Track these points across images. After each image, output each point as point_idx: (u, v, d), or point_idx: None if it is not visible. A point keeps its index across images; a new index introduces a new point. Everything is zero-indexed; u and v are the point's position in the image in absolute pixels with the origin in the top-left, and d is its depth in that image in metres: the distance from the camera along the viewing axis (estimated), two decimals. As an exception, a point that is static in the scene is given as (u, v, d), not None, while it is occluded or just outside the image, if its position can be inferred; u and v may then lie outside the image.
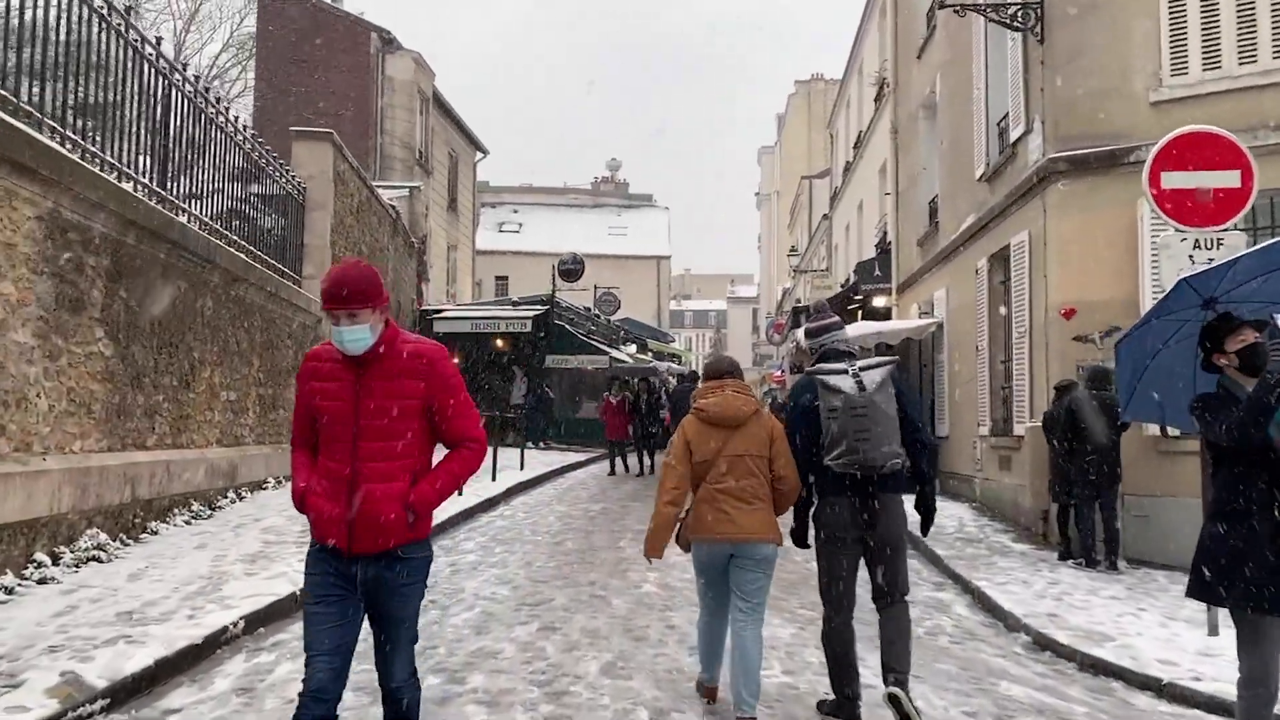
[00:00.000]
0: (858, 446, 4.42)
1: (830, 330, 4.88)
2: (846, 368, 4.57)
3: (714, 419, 4.65)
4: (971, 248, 13.37)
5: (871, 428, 4.42)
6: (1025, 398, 10.98)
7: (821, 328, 4.91)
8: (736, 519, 4.50)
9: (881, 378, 4.53)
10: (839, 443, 4.45)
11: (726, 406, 4.66)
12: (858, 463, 4.43)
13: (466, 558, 8.90)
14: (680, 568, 8.46)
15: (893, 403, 4.53)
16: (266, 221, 13.75)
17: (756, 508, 4.54)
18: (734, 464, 4.57)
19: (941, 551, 9.67)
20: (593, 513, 12.24)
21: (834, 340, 4.83)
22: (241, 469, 11.36)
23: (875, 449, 4.41)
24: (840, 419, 4.45)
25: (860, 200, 24.54)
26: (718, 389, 4.76)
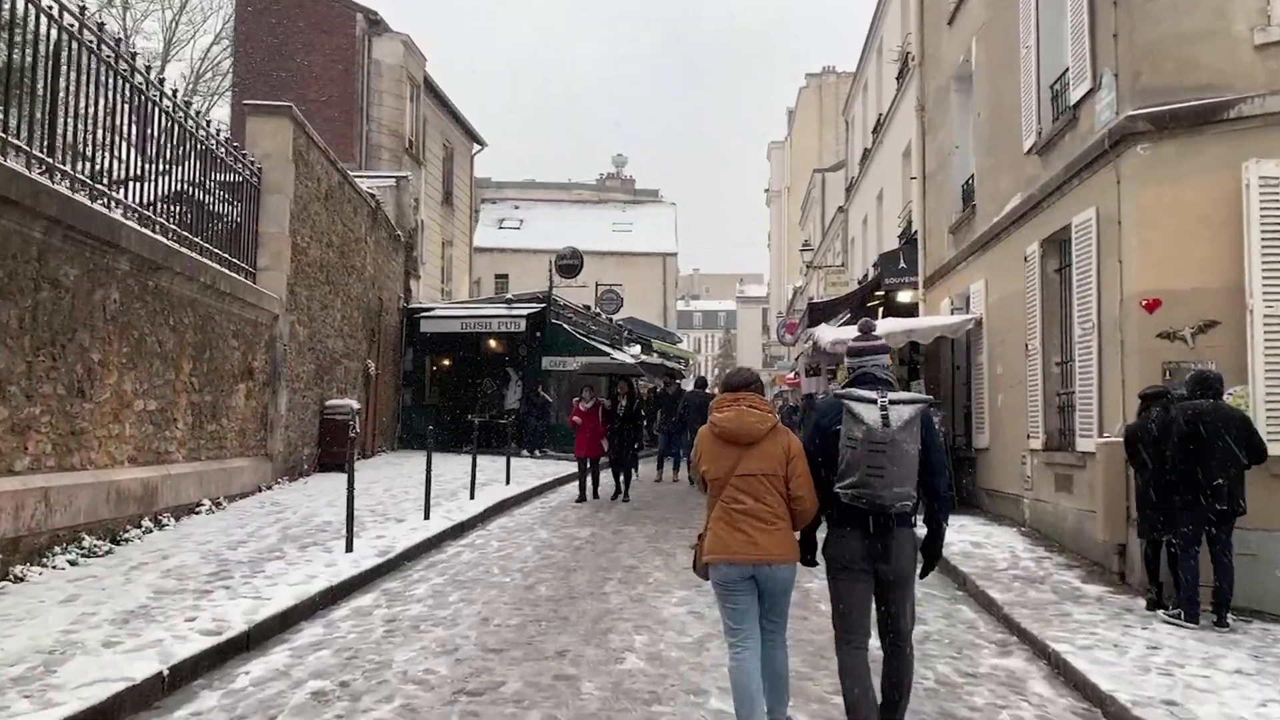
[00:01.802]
0: (870, 482, 4.30)
1: (872, 353, 4.71)
2: (876, 398, 4.39)
3: (728, 435, 4.55)
4: (1018, 232, 11.57)
5: (887, 466, 4.28)
6: (1092, 407, 9.18)
7: (862, 348, 4.72)
8: (757, 540, 4.42)
9: (910, 415, 4.35)
10: (851, 474, 4.34)
11: (741, 423, 4.53)
12: (865, 498, 4.32)
13: (410, 610, 7.15)
14: (675, 628, 6.69)
15: (916, 443, 4.36)
16: (212, 205, 12.05)
17: (777, 528, 4.46)
18: (748, 483, 4.48)
19: (998, 596, 7.88)
20: (578, 541, 10.48)
21: (873, 364, 4.66)
22: (163, 492, 9.64)
23: (887, 488, 4.29)
24: (857, 450, 4.32)
25: (880, 189, 22.75)
26: (733, 403, 4.62)
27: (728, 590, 4.49)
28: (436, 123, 31.00)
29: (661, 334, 37.30)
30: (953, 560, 9.42)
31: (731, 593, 4.48)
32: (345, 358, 17.36)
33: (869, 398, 4.41)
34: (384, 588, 7.99)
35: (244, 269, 12.75)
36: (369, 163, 25.50)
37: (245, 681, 5.40)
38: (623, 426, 14.77)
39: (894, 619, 4.53)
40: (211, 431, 11.21)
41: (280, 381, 13.59)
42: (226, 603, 6.63)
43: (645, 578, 8.42)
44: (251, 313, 12.46)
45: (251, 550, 8.58)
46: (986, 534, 10.88)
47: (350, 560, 8.39)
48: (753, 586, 4.46)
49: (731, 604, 4.49)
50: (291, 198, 13.84)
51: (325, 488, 13.69)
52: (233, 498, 11.61)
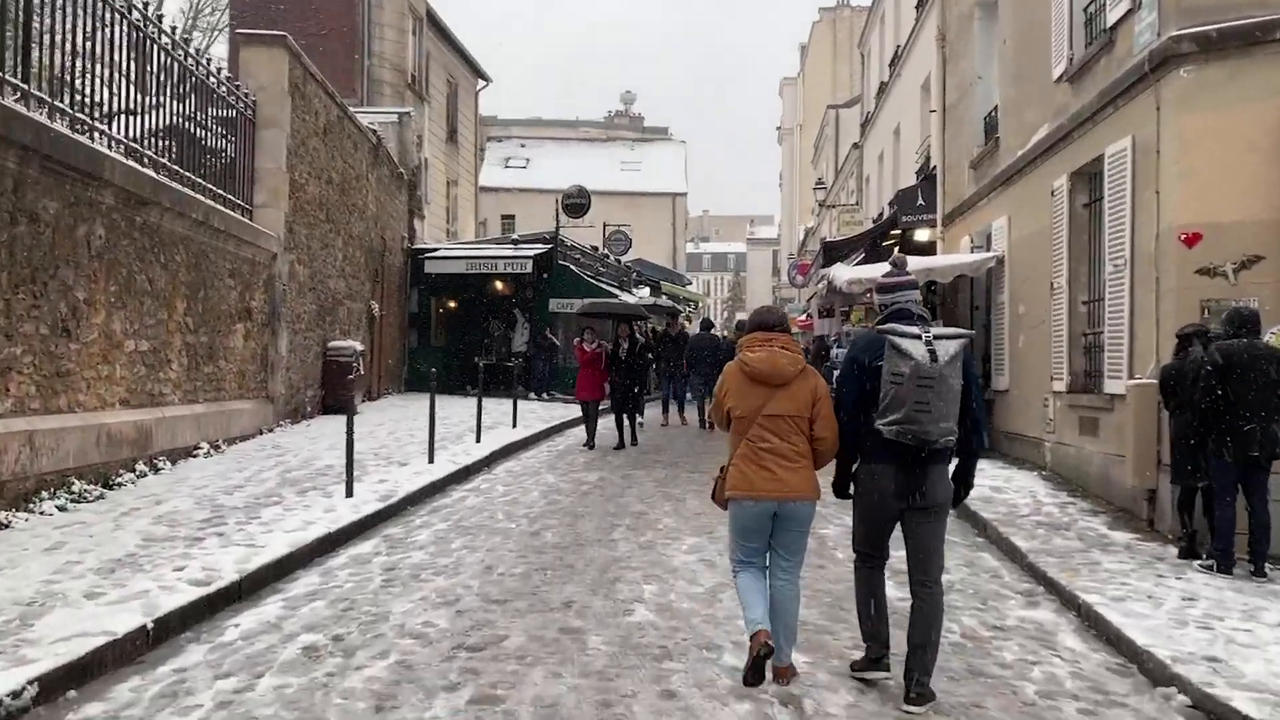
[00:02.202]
0: (917, 418, 4.23)
1: (905, 289, 4.62)
2: (920, 333, 4.31)
3: (759, 375, 4.57)
4: (1045, 165, 11.05)
5: (934, 401, 4.22)
6: (1122, 347, 8.77)
7: (896, 284, 4.66)
8: (782, 477, 4.48)
9: (955, 350, 4.30)
10: (896, 409, 4.26)
11: (774, 364, 4.57)
12: (912, 433, 4.26)
13: (411, 557, 6.87)
14: (686, 576, 6.40)
15: (959, 378, 4.31)
16: (207, 141, 11.59)
17: (801, 465, 4.53)
18: (775, 423, 4.53)
19: (1022, 543, 7.57)
20: (586, 485, 10.19)
21: (907, 300, 4.57)
22: (159, 435, 9.35)
23: (934, 423, 4.24)
24: (904, 386, 4.24)
25: (897, 124, 22.06)
26: (766, 343, 4.64)
27: (745, 526, 4.59)
28: (440, 57, 30.21)
29: (670, 276, 36.80)
30: (973, 506, 9.09)
31: (748, 530, 4.59)
32: (348, 298, 16.99)
33: (913, 333, 4.33)
34: (385, 534, 7.72)
35: (240, 206, 12.33)
36: (370, 98, 24.83)
37: (234, 634, 5.13)
38: (624, 371, 13.84)
39: (924, 561, 4.52)
40: (208, 373, 10.89)
41: (280, 322, 13.24)
42: (218, 551, 6.35)
43: (655, 524, 8.14)
44: (248, 251, 12.07)
45: (248, 495, 8.31)
46: (1006, 478, 10.56)
47: (350, 505, 8.11)
48: (769, 524, 4.56)
49: (744, 539, 4.62)
50: (288, 132, 13.36)
51: (328, 430, 13.41)
52: (232, 440, 11.34)
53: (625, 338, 13.89)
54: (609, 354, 13.73)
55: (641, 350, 14.46)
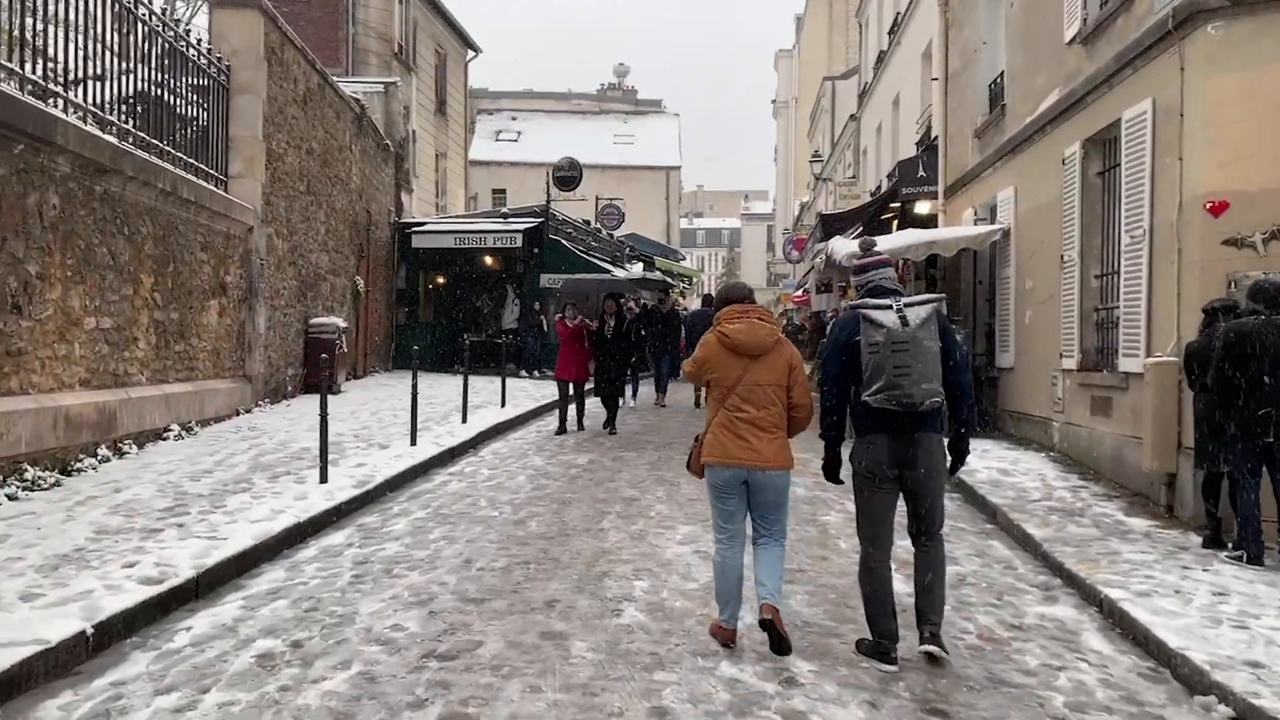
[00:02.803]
0: (898, 382, 4.37)
1: (879, 268, 4.78)
2: (891, 303, 4.50)
3: (738, 346, 4.68)
4: (1055, 132, 10.55)
5: (912, 364, 4.36)
6: (1139, 324, 8.32)
7: (870, 263, 4.83)
8: (756, 447, 4.60)
9: (926, 314, 4.45)
10: (878, 377, 4.41)
11: (753, 335, 4.69)
12: (895, 398, 4.38)
13: (385, 550, 6.42)
14: (680, 570, 5.96)
15: (936, 340, 4.45)
16: (178, 108, 11.03)
17: (775, 436, 4.64)
18: (753, 392, 4.64)
19: (1035, 531, 7.15)
20: (575, 469, 9.74)
21: (880, 278, 4.73)
22: (123, 417, 8.87)
23: (915, 385, 4.35)
24: (880, 353, 4.40)
25: (897, 93, 21.50)
26: (744, 315, 4.75)
27: (722, 492, 4.72)
28: (428, 27, 29.49)
29: (665, 251, 36.19)
30: (980, 490, 8.69)
31: (725, 495, 4.72)
32: (331, 274, 16.46)
33: (884, 304, 4.52)
34: (359, 523, 7.27)
35: (214, 177, 11.79)
36: (356, 68, 24.19)
37: (184, 640, 4.68)
38: (611, 350, 12.83)
39: (925, 519, 4.64)
40: (179, 352, 10.39)
41: (258, 298, 12.73)
42: (176, 544, 5.89)
43: (646, 511, 7.69)
44: (222, 224, 11.54)
45: (216, 481, 7.84)
46: (1013, 460, 10.14)
47: (324, 492, 7.66)
48: (745, 491, 4.67)
49: (723, 505, 4.74)
50: (264, 99, 12.78)
51: (308, 411, 12.91)
52: (206, 422, 10.87)
53: (611, 314, 12.90)
54: (593, 331, 12.75)
55: (630, 327, 13.49)
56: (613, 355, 12.80)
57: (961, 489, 9.03)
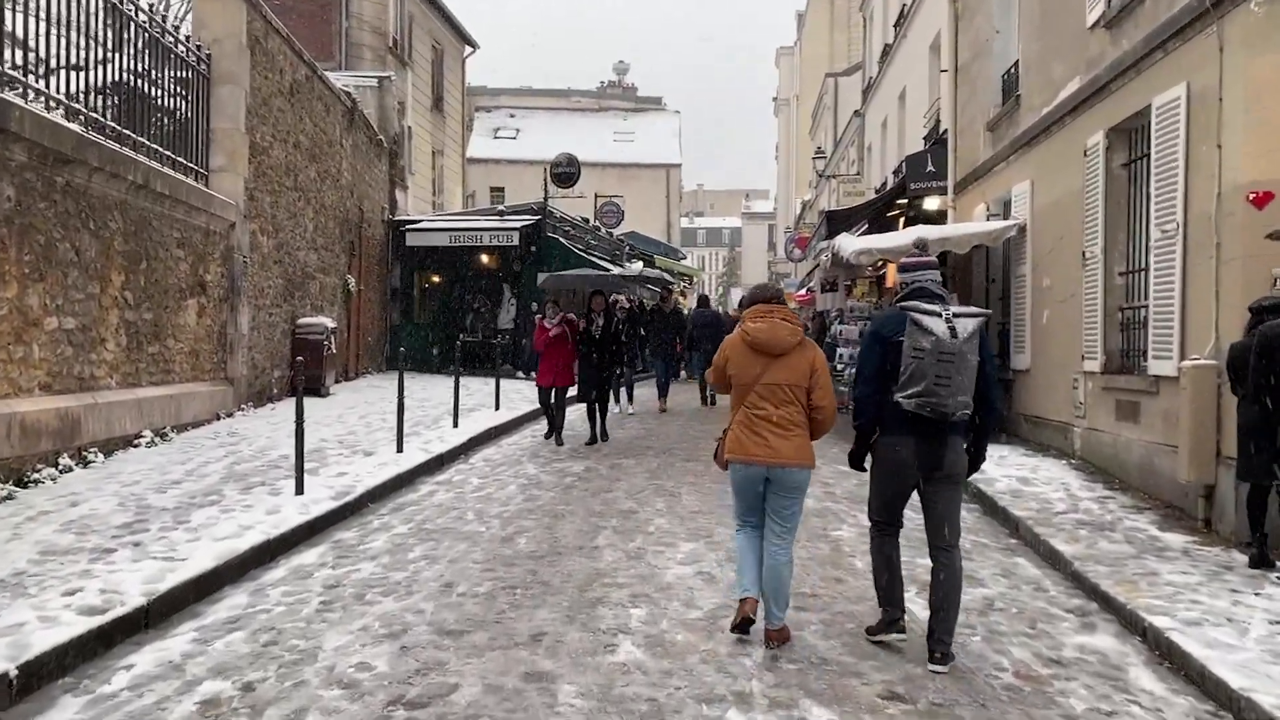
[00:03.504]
0: (937, 391, 4.40)
1: (926, 268, 4.75)
2: (940, 311, 4.50)
3: (760, 345, 4.72)
4: (1076, 122, 10.02)
5: (954, 375, 4.41)
6: (1172, 324, 7.78)
7: (918, 263, 4.79)
8: (775, 445, 4.66)
9: (974, 328, 4.51)
10: (916, 383, 4.43)
11: (774, 334, 4.73)
12: (931, 405, 4.42)
13: (359, 571, 5.89)
14: (681, 596, 5.43)
15: (976, 354, 4.50)
16: (157, 98, 10.51)
17: (794, 434, 4.68)
18: (772, 391, 4.70)
19: (1064, 548, 6.61)
20: (570, 477, 9.21)
21: (928, 279, 4.70)
22: (89, 423, 8.34)
23: (952, 396, 4.42)
24: (925, 360, 4.41)
25: (903, 87, 20.95)
26: (767, 314, 4.80)
27: (741, 487, 4.79)
28: (424, 21, 28.97)
29: (665, 249, 35.68)
30: (1000, 501, 8.16)
31: (744, 490, 4.79)
32: (320, 272, 15.94)
33: (934, 310, 4.49)
34: (336, 539, 6.75)
35: (193, 170, 11.27)
36: (349, 62, 23.67)
37: (123, 681, 4.16)
38: (599, 352, 11.48)
39: (942, 528, 4.65)
40: (154, 354, 9.87)
41: (240, 297, 12.21)
42: (127, 567, 5.36)
43: (645, 525, 7.16)
44: (201, 219, 11.01)
45: (183, 493, 7.31)
46: (1032, 467, 9.61)
47: (299, 505, 7.13)
48: (761, 488, 4.73)
49: (742, 500, 4.82)
50: (247, 90, 12.26)
51: (293, 415, 12.41)
52: (184, 427, 10.34)
53: (599, 312, 11.61)
54: (582, 331, 11.44)
55: (622, 327, 12.22)
56: (599, 358, 11.47)
57: (981, 500, 8.51)
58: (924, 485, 4.64)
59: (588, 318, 11.62)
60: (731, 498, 4.94)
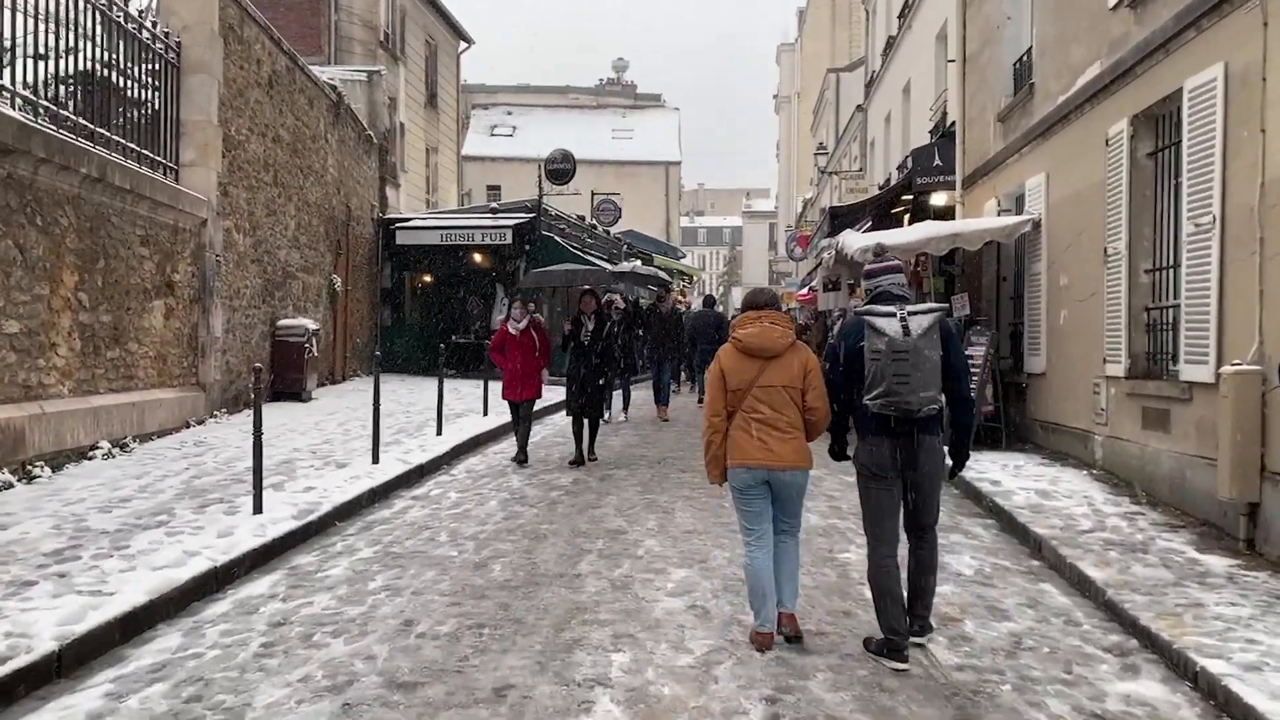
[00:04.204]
0: (896, 389, 4.49)
1: (888, 273, 4.86)
2: (895, 311, 4.59)
3: (751, 349, 4.79)
4: (1096, 109, 9.40)
5: (911, 372, 4.48)
6: (1208, 325, 7.16)
7: (881, 268, 4.90)
8: (773, 447, 4.70)
9: (929, 324, 4.55)
10: (878, 384, 4.53)
11: (764, 338, 4.79)
12: (894, 404, 4.51)
13: (311, 604, 5.27)
14: (671, 636, 4.80)
15: (937, 349, 4.56)
16: (130, 90, 9.92)
17: (791, 436, 4.75)
18: (768, 394, 4.75)
19: (1095, 573, 5.99)
20: (556, 491, 8.59)
21: (889, 283, 4.82)
22: (34, 435, 7.73)
23: (913, 393, 4.49)
24: (881, 361, 4.51)
25: (907, 80, 20.33)
26: (756, 320, 4.86)
27: (744, 493, 4.79)
28: (418, 16, 28.36)
29: (664, 248, 35.06)
30: (1020, 517, 7.54)
31: (747, 496, 4.79)
32: (303, 271, 15.33)
33: (888, 311, 4.60)
34: (293, 564, 6.13)
35: (161, 164, 10.67)
36: (339, 57, 23.09)
37: (11, 751, 3.54)
38: (589, 360, 10.13)
39: (919, 513, 4.79)
40: (113, 359, 9.26)
41: (213, 298, 11.60)
42: (45, 604, 4.75)
43: (634, 548, 6.54)
44: (168, 215, 10.40)
45: (130, 513, 6.70)
46: (1051, 478, 8.98)
47: (255, 526, 6.51)
48: (767, 490, 4.76)
49: (747, 506, 4.81)
50: (220, 80, 11.66)
51: (271, 421, 11.75)
52: (148, 437, 9.74)
53: (590, 314, 10.30)
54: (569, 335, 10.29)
55: (616, 330, 10.97)
56: (589, 366, 10.10)
57: (998, 515, 7.90)
58: (905, 481, 4.70)
59: (576, 320, 10.36)
60: (734, 511, 4.92)
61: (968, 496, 8.82)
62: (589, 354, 10.16)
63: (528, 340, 10.13)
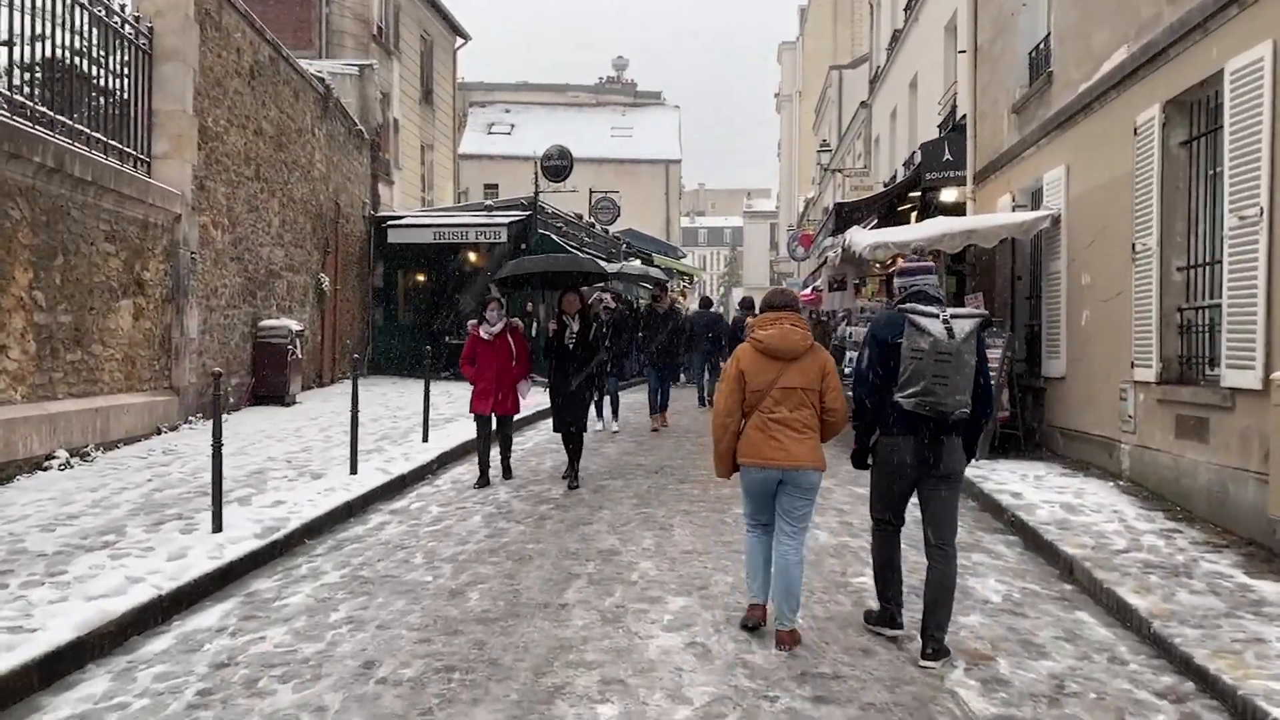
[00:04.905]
0: (935, 390, 4.50)
1: (923, 273, 4.86)
2: (938, 313, 4.61)
3: (771, 351, 4.80)
4: (1123, 96, 8.82)
5: (952, 375, 4.52)
6: (1255, 327, 6.57)
7: (917, 268, 4.90)
8: (788, 447, 4.71)
9: (971, 328, 4.60)
10: (915, 383, 4.53)
11: (785, 339, 4.80)
12: (929, 405, 4.53)
13: (264, 640, 4.69)
14: (667, 682, 4.21)
15: (974, 355, 4.61)
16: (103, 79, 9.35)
17: (807, 437, 4.76)
18: (787, 395, 4.76)
19: (1137, 601, 5.40)
20: (546, 505, 8.00)
21: (924, 283, 4.81)
22: (-19, 445, 7.14)
23: (950, 395, 4.52)
24: (923, 361, 4.52)
25: (914, 74, 19.75)
26: (776, 321, 4.86)
27: (755, 491, 4.83)
28: (412, 10, 27.78)
29: (664, 247, 34.47)
30: (1046, 534, 6.95)
31: (757, 494, 4.83)
32: (288, 270, 14.75)
33: (932, 312, 4.58)
34: (250, 590, 5.55)
35: (132, 155, 10.09)
36: (330, 50, 22.50)
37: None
38: (571, 364, 8.90)
39: (940, 529, 4.72)
40: (74, 362, 8.68)
41: (188, 297, 11.02)
42: (-48, 644, 4.16)
43: (627, 572, 5.94)
44: (137, 210, 9.83)
45: (76, 531, 6.12)
46: (1076, 490, 8.39)
47: (212, 546, 5.93)
48: (774, 489, 4.77)
49: (754, 503, 4.87)
50: (196, 68, 11.08)
51: (249, 428, 11.25)
52: (113, 445, 9.17)
53: (574, 314, 9.01)
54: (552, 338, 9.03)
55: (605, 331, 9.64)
56: (574, 373, 8.87)
57: (1021, 531, 7.32)
58: (922, 484, 4.72)
59: (559, 320, 9.07)
60: (741, 502, 4.98)
61: (987, 510, 8.25)
62: (573, 359, 8.91)
63: (503, 347, 8.85)
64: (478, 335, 8.90)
